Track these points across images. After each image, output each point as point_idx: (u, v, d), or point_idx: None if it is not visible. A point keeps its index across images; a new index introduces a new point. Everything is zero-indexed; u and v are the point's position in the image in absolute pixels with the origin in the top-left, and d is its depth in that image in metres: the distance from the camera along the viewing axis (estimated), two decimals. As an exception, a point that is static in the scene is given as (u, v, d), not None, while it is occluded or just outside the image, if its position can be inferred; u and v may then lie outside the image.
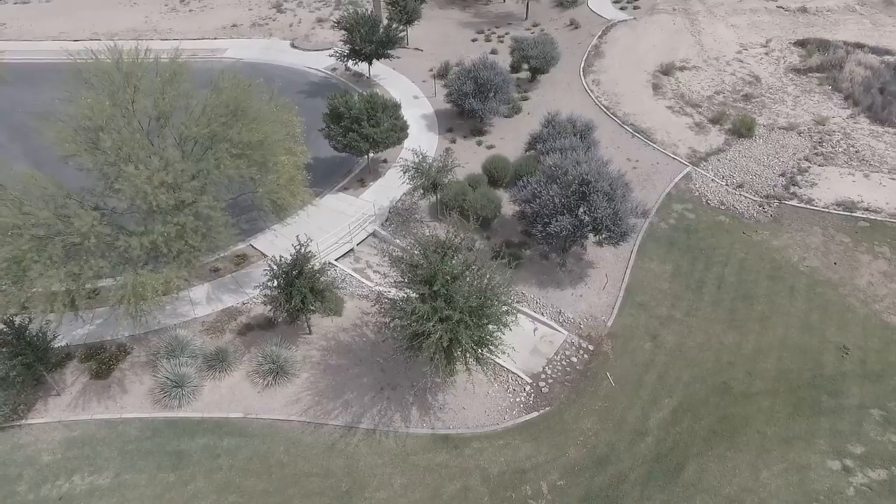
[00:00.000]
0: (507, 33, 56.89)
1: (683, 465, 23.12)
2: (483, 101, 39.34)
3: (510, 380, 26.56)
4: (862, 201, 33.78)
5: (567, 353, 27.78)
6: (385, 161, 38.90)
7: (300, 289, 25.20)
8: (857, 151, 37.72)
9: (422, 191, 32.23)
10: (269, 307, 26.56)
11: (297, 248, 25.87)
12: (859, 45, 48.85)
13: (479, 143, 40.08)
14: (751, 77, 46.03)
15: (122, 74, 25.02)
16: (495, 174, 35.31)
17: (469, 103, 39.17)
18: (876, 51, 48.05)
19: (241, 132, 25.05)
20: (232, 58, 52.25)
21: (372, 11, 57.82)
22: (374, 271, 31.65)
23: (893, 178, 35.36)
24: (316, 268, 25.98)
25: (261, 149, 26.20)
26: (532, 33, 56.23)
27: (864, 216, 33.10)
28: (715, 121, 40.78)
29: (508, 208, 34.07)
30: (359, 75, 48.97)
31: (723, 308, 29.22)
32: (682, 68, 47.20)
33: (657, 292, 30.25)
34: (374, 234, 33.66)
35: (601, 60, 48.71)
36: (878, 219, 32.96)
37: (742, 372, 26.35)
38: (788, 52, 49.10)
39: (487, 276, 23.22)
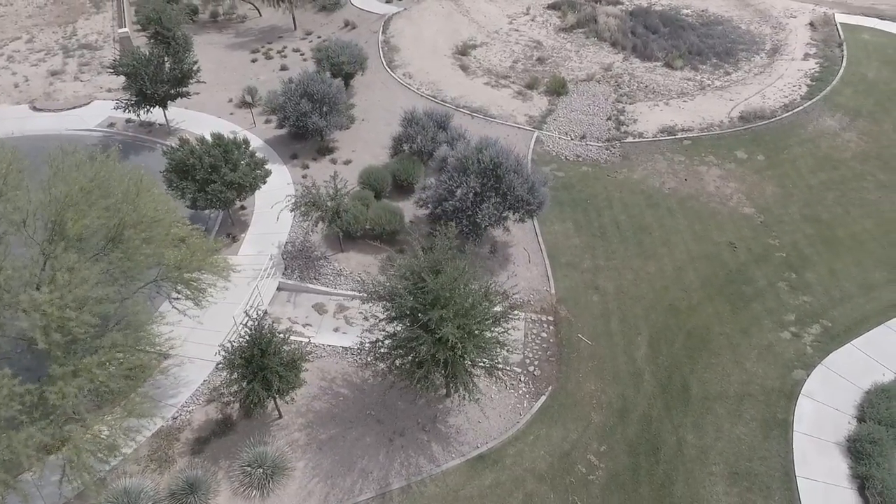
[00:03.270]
0: (284, 47, 53.87)
1: (687, 386, 25.32)
2: (325, 117, 36.89)
3: (502, 376, 26.00)
4: (676, 125, 39.81)
5: (534, 331, 28.15)
6: (244, 208, 34.40)
7: (274, 369, 21.30)
8: (646, 86, 44.17)
9: (326, 223, 29.32)
10: (238, 406, 22.01)
11: (252, 323, 21.75)
12: (596, 0, 56.71)
13: (334, 161, 37.69)
14: (533, 42, 50.62)
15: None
16: (377, 186, 33.63)
17: (312, 122, 36.40)
18: (610, 2, 56.33)
19: (136, 212, 20.01)
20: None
21: (118, 54, 49.97)
22: (305, 325, 28.19)
23: (685, 101, 42.28)
24: (279, 338, 22.11)
25: (159, 226, 21.26)
26: (311, 42, 54.19)
27: (684, 136, 39.10)
28: (530, 86, 44.11)
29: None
30: (148, 125, 42.02)
31: (631, 244, 32.22)
32: (473, 46, 49.87)
33: (574, 249, 32.12)
34: (279, 289, 29.81)
35: (399, 54, 48.99)
36: (694, 135, 39.22)
37: (677, 291, 29.51)
38: (548, 16, 54.96)
39: (484, 280, 22.33)
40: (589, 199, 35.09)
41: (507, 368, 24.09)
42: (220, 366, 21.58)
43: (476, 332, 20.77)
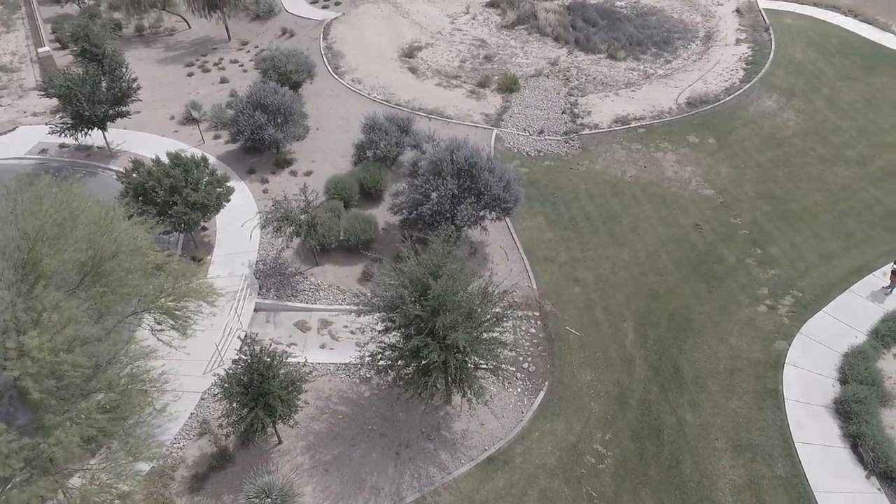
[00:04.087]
0: (221, 59, 51.89)
1: (678, 366, 25.99)
2: (281, 128, 35.69)
3: (504, 375, 25.86)
4: (629, 114, 40.86)
5: (522, 328, 28.21)
6: (205, 228, 32.81)
7: (275, 393, 20.36)
8: (594, 78, 45.15)
9: (302, 237, 28.33)
10: (233, 437, 20.91)
11: (246, 349, 20.71)
12: (532, -3, 57.51)
13: (295, 174, 36.52)
14: (478, 41, 50.80)
15: None
16: (345, 195, 32.82)
17: (269, 135, 35.11)
18: (546, -2, 57.26)
19: (115, 242, 18.68)
20: None
21: (41, 76, 46.80)
22: (290, 345, 27.14)
23: (633, 91, 43.47)
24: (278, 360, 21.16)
25: (136, 255, 19.94)
26: (248, 52, 52.47)
27: (637, 125, 40.18)
28: (482, 85, 44.24)
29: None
30: (86, 148, 39.41)
31: (602, 234, 32.81)
32: (419, 48, 49.54)
33: (548, 243, 32.41)
34: (257, 309, 28.61)
35: (344, 60, 48.05)
36: (646, 123, 40.37)
37: (654, 275, 30.26)
38: (488, 14, 55.30)
39: (481, 281, 22.15)
40: (556, 193, 35.51)
41: (511, 368, 24.01)
42: (218, 396, 20.43)
43: (476, 334, 20.57)
